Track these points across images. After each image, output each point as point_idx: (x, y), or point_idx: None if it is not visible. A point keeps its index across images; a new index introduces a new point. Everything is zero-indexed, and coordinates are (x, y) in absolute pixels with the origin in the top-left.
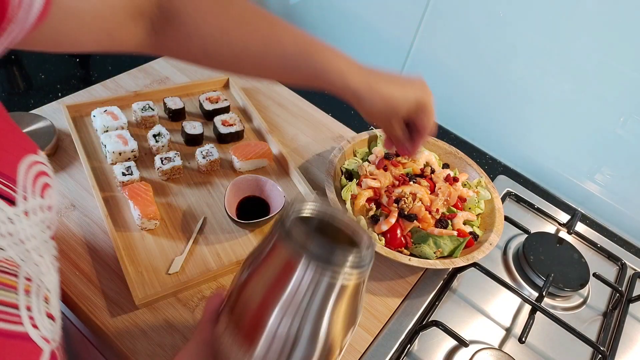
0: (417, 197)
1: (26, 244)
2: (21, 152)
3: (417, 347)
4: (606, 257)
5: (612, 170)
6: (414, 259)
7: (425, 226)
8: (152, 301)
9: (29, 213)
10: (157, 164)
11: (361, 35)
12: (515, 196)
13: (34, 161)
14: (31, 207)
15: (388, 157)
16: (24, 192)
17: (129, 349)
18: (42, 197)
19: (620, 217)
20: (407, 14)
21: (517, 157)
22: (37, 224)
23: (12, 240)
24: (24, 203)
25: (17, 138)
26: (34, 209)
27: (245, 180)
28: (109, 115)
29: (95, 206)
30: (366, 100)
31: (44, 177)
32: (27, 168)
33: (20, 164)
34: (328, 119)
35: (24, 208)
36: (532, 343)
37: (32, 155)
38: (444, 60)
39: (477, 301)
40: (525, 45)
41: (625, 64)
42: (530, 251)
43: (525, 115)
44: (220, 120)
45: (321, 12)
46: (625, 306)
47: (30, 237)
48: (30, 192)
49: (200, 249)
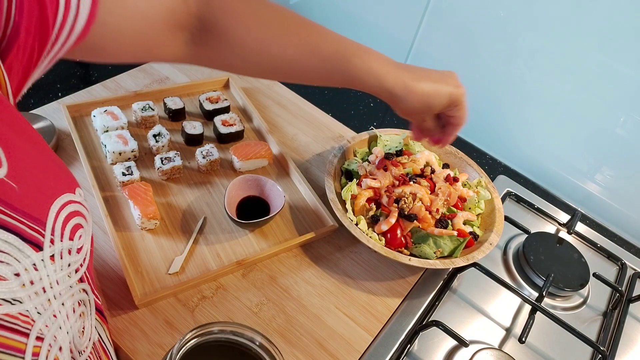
0: (417, 197)
1: (48, 292)
2: (56, 192)
3: (417, 347)
4: (606, 257)
5: (612, 170)
6: (414, 259)
7: (425, 226)
8: (152, 301)
9: (55, 257)
10: (157, 164)
11: (361, 35)
12: (515, 196)
13: (68, 201)
14: (58, 251)
15: (388, 157)
16: (51, 235)
17: (129, 349)
18: (72, 240)
19: (620, 217)
20: (407, 13)
21: (517, 157)
22: (63, 268)
23: (32, 290)
24: (51, 247)
25: (55, 176)
26: (61, 252)
27: (245, 180)
28: (109, 115)
29: (95, 206)
30: (402, 100)
31: (77, 218)
32: (60, 209)
33: (53, 205)
34: (328, 119)
35: (50, 252)
36: (532, 343)
37: (68, 194)
38: (444, 60)
39: (477, 301)
40: (525, 45)
41: (625, 64)
42: (530, 251)
43: (525, 115)
44: (220, 120)
45: (321, 12)
46: (625, 306)
47: (54, 284)
48: (59, 234)
49: (200, 248)
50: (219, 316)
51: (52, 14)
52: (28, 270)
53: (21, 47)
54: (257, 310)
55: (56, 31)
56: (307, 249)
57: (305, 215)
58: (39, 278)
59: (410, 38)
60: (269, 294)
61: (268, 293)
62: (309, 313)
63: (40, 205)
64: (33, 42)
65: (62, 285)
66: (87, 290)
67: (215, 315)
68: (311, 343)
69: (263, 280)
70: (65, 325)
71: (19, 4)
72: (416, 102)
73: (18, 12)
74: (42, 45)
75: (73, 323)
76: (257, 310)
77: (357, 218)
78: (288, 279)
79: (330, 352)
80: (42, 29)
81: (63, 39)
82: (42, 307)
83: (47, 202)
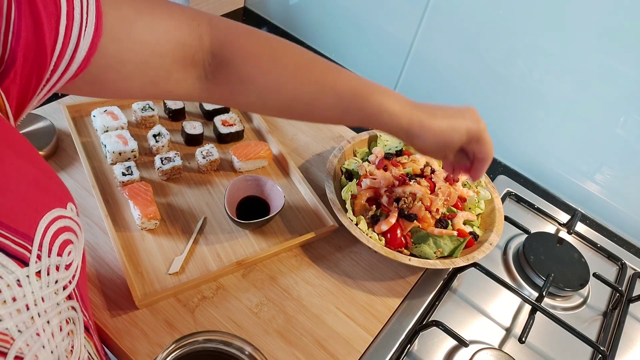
0: (417, 197)
1: (32, 309)
2: (46, 207)
3: (417, 347)
4: (606, 257)
5: (612, 170)
6: (414, 259)
7: (425, 226)
8: (152, 301)
9: (42, 273)
10: (157, 164)
11: (361, 35)
12: (515, 196)
13: (58, 216)
14: (45, 267)
15: (388, 157)
16: (38, 251)
17: (129, 349)
18: (60, 256)
19: (620, 217)
20: (407, 14)
21: (517, 157)
22: (50, 285)
23: (14, 307)
24: (38, 263)
25: (47, 191)
26: (48, 268)
27: (245, 180)
28: (109, 115)
29: (95, 206)
30: (419, 139)
31: (67, 234)
32: (49, 224)
33: (42, 220)
34: None
35: (36, 268)
36: (532, 343)
37: (59, 209)
38: (443, 61)
39: (477, 301)
40: (525, 45)
41: (625, 64)
42: (530, 251)
43: (525, 115)
44: (220, 120)
45: (321, 12)
46: (625, 306)
47: (39, 301)
48: (47, 250)
49: (200, 249)
50: (219, 316)
51: (50, 42)
52: (11, 287)
53: (18, 72)
54: (257, 310)
55: (54, 60)
56: (307, 249)
57: (305, 215)
58: (22, 295)
59: (410, 38)
60: (269, 294)
61: (268, 293)
62: (309, 313)
63: (28, 219)
64: (31, 69)
65: (48, 303)
66: (76, 308)
67: (215, 315)
68: (311, 343)
69: (263, 280)
70: (50, 345)
71: (16, 31)
72: (432, 140)
73: (15, 38)
74: (40, 73)
75: (59, 342)
76: (257, 310)
77: (357, 218)
78: (288, 279)
79: (330, 352)
80: (40, 57)
81: (62, 69)
82: (23, 325)
83: (35, 216)
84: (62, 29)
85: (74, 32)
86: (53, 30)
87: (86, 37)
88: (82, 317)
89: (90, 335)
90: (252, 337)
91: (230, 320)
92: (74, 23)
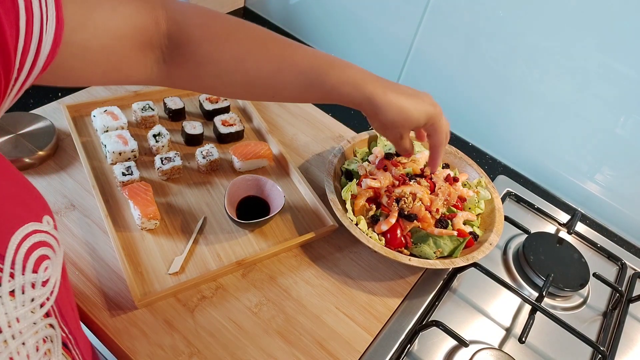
0: (417, 197)
1: (5, 332)
2: (19, 222)
3: (417, 347)
4: (606, 257)
5: (612, 170)
6: (414, 259)
7: (425, 226)
8: (152, 301)
9: (16, 292)
10: (157, 164)
11: (361, 35)
12: (515, 196)
13: (32, 231)
14: (19, 285)
15: (388, 157)
16: (11, 269)
17: (129, 349)
18: (36, 272)
19: (620, 217)
20: (407, 14)
21: (517, 157)
22: (25, 304)
23: None
24: (11, 282)
25: (21, 204)
26: (22, 286)
27: (245, 180)
28: (109, 115)
29: (95, 206)
30: (382, 108)
31: (42, 249)
32: (22, 240)
33: (14, 236)
34: (328, 119)
35: (10, 287)
36: (532, 343)
37: (33, 224)
38: (443, 60)
39: (477, 301)
40: (525, 45)
41: (625, 64)
42: (530, 251)
43: (525, 115)
44: (220, 120)
45: (321, 12)
46: (625, 306)
47: (14, 322)
48: (20, 267)
49: (200, 249)
50: (219, 316)
51: (12, 40)
52: None
53: None
54: (256, 310)
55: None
56: (307, 249)
57: (305, 215)
58: None
59: (410, 38)
60: (268, 294)
61: (268, 293)
62: (308, 313)
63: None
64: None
65: (23, 323)
66: (54, 325)
67: (214, 315)
68: (311, 343)
69: (263, 280)
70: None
71: None
72: (395, 113)
73: None
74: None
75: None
76: (256, 310)
77: (357, 218)
78: (288, 279)
79: (330, 352)
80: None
81: (29, 65)
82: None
83: (6, 233)
84: (23, 25)
85: (35, 27)
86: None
87: (48, 30)
88: (60, 334)
89: (69, 351)
90: (252, 337)
91: (229, 320)
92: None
